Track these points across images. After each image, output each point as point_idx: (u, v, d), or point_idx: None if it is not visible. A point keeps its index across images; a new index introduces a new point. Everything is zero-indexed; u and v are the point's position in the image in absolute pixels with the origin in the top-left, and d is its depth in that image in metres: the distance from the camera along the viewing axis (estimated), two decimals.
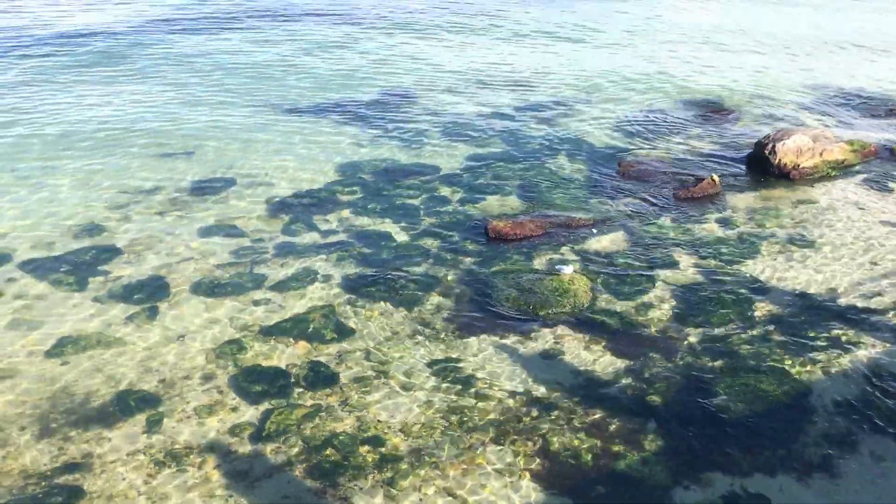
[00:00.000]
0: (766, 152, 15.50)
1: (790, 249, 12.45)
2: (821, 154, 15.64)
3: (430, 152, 16.48)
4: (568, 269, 11.34)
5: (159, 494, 7.48)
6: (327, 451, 8.05)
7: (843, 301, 10.96)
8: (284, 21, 29.32)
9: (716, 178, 14.77)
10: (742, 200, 14.42)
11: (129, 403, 8.71)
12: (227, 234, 12.59)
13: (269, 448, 8.10)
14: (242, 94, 20.13)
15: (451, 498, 7.53)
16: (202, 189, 14.26)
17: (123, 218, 13.01)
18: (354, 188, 14.53)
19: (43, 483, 7.57)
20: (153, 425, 8.38)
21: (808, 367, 9.48)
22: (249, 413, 8.62)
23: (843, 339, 10.06)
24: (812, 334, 10.17)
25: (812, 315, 10.62)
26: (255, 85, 20.96)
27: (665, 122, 18.76)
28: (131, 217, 13.06)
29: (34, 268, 11.44)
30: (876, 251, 12.39)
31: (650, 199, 14.27)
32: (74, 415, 8.52)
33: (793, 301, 10.97)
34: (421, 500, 7.49)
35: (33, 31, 26.23)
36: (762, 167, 15.60)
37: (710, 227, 13.23)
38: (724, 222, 13.43)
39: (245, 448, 8.10)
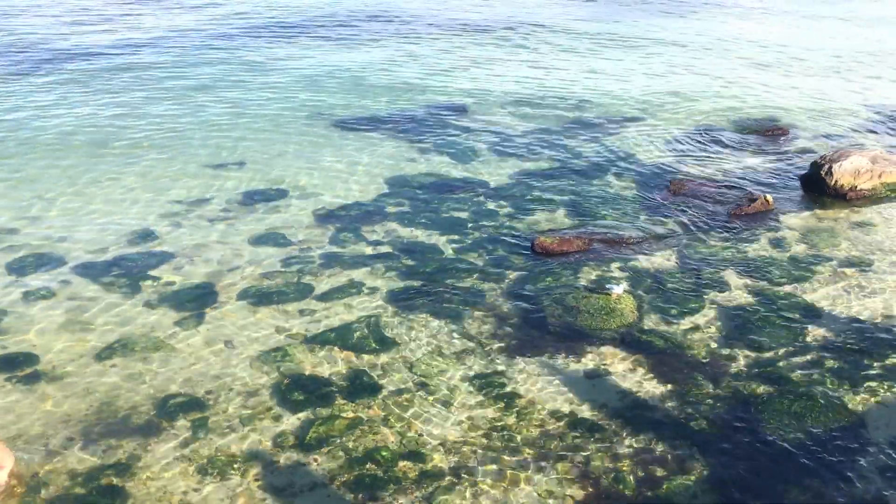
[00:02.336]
0: (823, 173, 15.15)
1: (845, 273, 12.13)
2: (879, 176, 15.24)
3: (478, 166, 16.46)
4: (618, 289, 11.18)
5: (202, 502, 7.54)
6: (368, 465, 8.04)
7: None
8: (335, 32, 29.61)
9: (769, 198, 14.48)
10: (796, 221, 14.11)
11: (174, 409, 8.82)
12: (276, 244, 12.71)
13: (310, 459, 8.12)
14: (293, 105, 20.34)
15: None
16: (253, 198, 14.44)
17: (175, 225, 13.23)
18: (402, 200, 14.57)
19: (88, 486, 7.69)
20: (197, 431, 8.47)
21: (863, 397, 9.20)
22: (292, 422, 8.66)
23: None
24: (867, 362, 9.89)
25: (867, 342, 10.33)
26: (305, 96, 21.17)
27: (718, 140, 18.46)
28: (183, 224, 13.27)
29: (87, 271, 11.68)
30: None
31: (701, 218, 14.04)
32: (120, 419, 8.65)
33: (847, 327, 10.68)
34: None
35: (85, 41, 26.91)
36: (818, 188, 15.24)
37: (762, 248, 12.97)
38: (777, 243, 13.15)
39: (287, 458, 8.14)
